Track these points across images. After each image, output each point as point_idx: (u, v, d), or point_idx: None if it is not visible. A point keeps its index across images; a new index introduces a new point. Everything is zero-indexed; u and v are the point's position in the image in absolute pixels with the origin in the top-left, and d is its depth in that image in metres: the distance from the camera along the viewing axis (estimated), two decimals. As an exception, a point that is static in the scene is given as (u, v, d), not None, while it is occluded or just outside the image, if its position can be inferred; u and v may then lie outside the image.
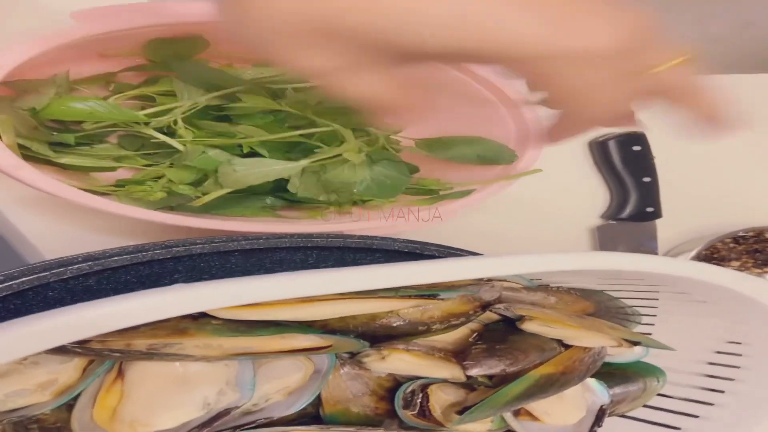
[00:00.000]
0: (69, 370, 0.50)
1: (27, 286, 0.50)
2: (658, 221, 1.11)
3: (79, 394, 0.51)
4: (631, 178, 1.11)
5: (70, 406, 0.51)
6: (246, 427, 0.58)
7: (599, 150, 1.12)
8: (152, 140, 0.75)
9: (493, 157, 0.92)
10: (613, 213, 1.11)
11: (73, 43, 0.62)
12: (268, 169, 0.76)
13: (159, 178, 0.75)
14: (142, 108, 0.75)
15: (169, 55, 0.73)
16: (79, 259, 0.51)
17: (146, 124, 0.74)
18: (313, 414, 0.64)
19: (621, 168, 1.11)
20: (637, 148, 1.11)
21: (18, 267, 0.50)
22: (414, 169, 0.92)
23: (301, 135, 0.80)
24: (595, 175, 1.15)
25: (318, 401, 0.64)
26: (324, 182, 0.80)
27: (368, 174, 0.83)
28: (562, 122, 0.59)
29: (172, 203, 0.75)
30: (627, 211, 1.10)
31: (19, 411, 0.49)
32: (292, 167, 0.78)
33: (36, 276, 0.50)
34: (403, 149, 0.92)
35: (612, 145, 1.11)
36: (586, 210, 1.14)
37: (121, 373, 0.52)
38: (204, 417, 0.54)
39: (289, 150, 0.82)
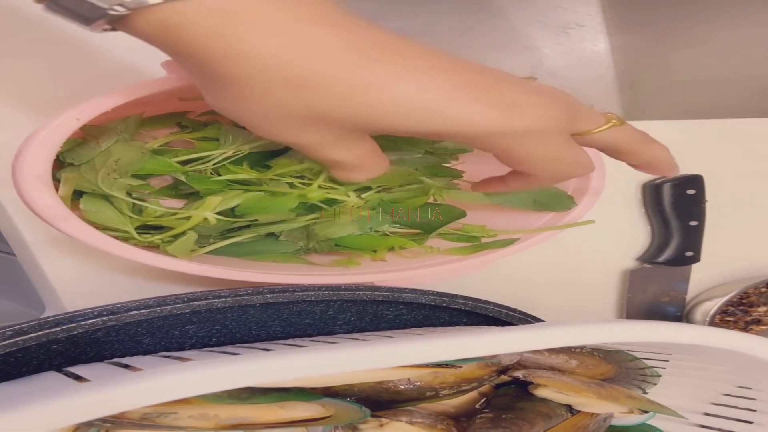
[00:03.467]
0: None
1: (33, 343, 0.49)
2: (694, 267, 1.10)
3: None
4: (677, 222, 1.10)
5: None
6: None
7: (652, 192, 1.10)
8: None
9: (551, 203, 0.89)
10: (650, 256, 1.10)
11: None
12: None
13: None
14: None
15: None
16: (94, 313, 0.51)
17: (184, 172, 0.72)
18: None
19: (670, 211, 1.09)
20: (691, 191, 1.09)
21: (29, 321, 0.49)
22: (460, 214, 0.88)
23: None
24: (640, 218, 1.14)
25: None
26: (309, 232, 0.78)
27: (355, 228, 0.81)
28: (517, 179, 0.69)
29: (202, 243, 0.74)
30: (666, 254, 1.09)
31: None
32: (284, 226, 0.77)
33: (46, 332, 0.49)
34: (455, 196, 0.88)
35: (666, 188, 1.09)
36: (623, 252, 1.13)
37: None
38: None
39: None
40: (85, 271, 0.77)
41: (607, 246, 1.11)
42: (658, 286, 1.08)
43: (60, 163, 0.64)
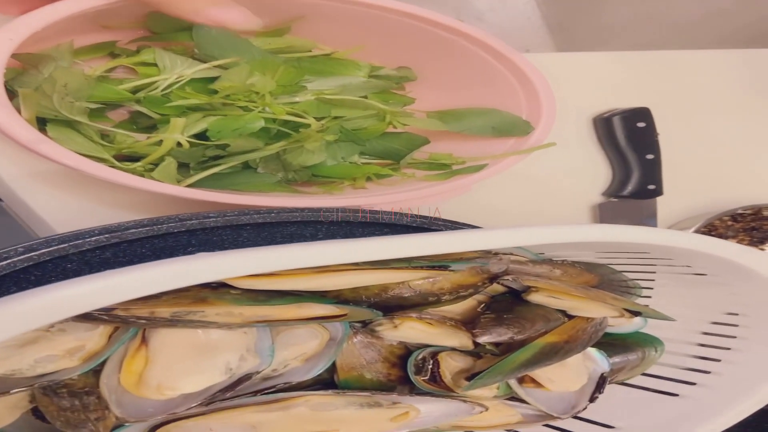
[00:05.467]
0: (95, 337, 0.49)
1: (47, 258, 0.48)
2: (658, 199, 1.06)
3: (105, 360, 0.49)
4: (634, 155, 1.06)
5: (96, 372, 0.50)
6: (266, 391, 0.57)
7: (603, 126, 1.07)
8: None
9: (509, 128, 0.87)
10: (615, 190, 1.07)
11: (78, 14, 0.61)
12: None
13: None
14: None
15: (170, 25, 0.70)
16: (96, 231, 0.50)
17: (137, 101, 0.70)
18: (328, 380, 0.63)
19: (625, 145, 1.06)
20: (641, 124, 1.06)
21: (37, 239, 0.48)
22: (423, 141, 0.88)
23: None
24: (598, 152, 1.10)
25: (333, 368, 0.63)
26: (283, 162, 0.76)
27: (327, 156, 0.80)
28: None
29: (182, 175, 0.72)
30: (629, 188, 1.06)
31: (49, 376, 0.48)
32: (257, 154, 0.75)
33: (55, 248, 0.48)
34: (413, 123, 0.87)
35: (616, 121, 1.06)
36: (588, 187, 1.09)
37: (144, 341, 0.51)
38: (227, 381, 0.53)
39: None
40: (69, 204, 0.75)
41: (573, 180, 1.08)
42: (627, 221, 1.05)
43: (11, 93, 0.62)
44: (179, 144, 0.69)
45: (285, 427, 0.58)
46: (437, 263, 0.58)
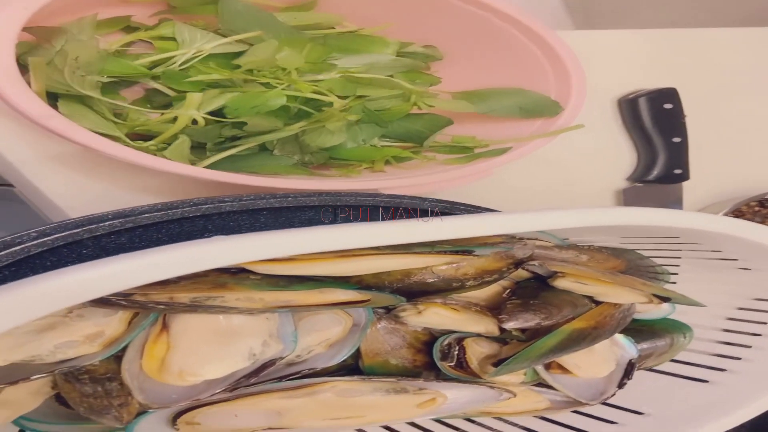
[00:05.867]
0: (114, 322, 0.48)
1: (61, 243, 0.46)
2: (684, 183, 1.02)
3: (126, 346, 0.48)
4: (660, 138, 1.01)
5: (118, 358, 0.49)
6: (291, 377, 0.55)
7: (629, 108, 1.01)
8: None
9: (537, 109, 0.82)
10: (640, 175, 1.01)
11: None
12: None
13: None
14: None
15: None
16: (110, 216, 0.48)
17: (153, 77, 0.68)
18: (353, 366, 0.62)
19: (650, 127, 1.00)
20: (668, 105, 1.00)
21: (50, 224, 0.46)
22: (446, 122, 0.83)
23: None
24: (623, 135, 1.05)
25: (357, 354, 0.61)
26: (301, 144, 0.73)
27: (348, 138, 0.76)
28: None
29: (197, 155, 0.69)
30: (654, 173, 1.00)
31: (70, 362, 0.46)
32: (275, 135, 0.71)
33: (69, 232, 0.46)
34: (438, 104, 0.84)
35: (642, 103, 1.00)
36: (613, 171, 1.04)
37: (165, 326, 0.49)
38: (251, 367, 0.51)
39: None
40: (82, 188, 0.73)
41: (598, 165, 1.03)
42: (652, 206, 0.99)
43: (23, 69, 0.60)
44: (195, 122, 0.66)
45: (311, 413, 0.56)
46: (460, 248, 0.56)
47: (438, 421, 0.67)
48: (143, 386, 0.48)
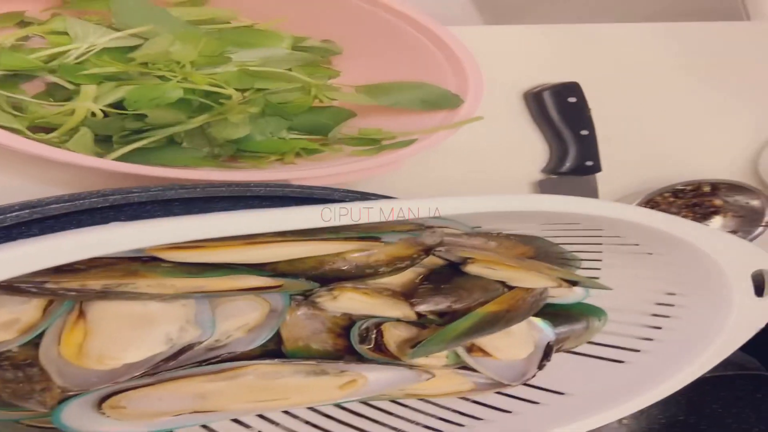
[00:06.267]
0: (30, 309, 0.48)
1: None
2: (598, 176, 1.02)
3: (43, 333, 0.49)
4: (568, 131, 1.00)
5: (37, 344, 0.49)
6: (211, 361, 0.56)
7: (535, 102, 1.00)
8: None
9: (438, 101, 0.81)
10: (553, 167, 1.01)
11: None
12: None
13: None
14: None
15: None
16: (16, 207, 0.48)
17: (50, 71, 0.66)
18: (276, 351, 0.62)
19: (558, 120, 0.99)
20: (572, 99, 1.00)
21: None
22: (349, 114, 0.82)
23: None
24: (533, 128, 1.03)
25: (279, 340, 0.62)
26: (208, 136, 0.72)
27: (252, 130, 0.75)
28: None
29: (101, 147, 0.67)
30: (567, 165, 1.00)
31: None
32: (180, 128, 0.69)
33: None
34: (341, 98, 0.83)
35: (547, 96, 0.99)
36: (526, 164, 1.03)
37: (82, 313, 0.50)
38: (168, 351, 0.52)
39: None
40: None
41: (511, 158, 1.02)
42: None
43: None
44: (94, 115, 0.65)
45: (234, 396, 0.58)
46: (367, 234, 0.57)
47: (366, 404, 0.69)
48: (62, 371, 0.49)
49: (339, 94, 0.81)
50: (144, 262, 0.50)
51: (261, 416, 0.64)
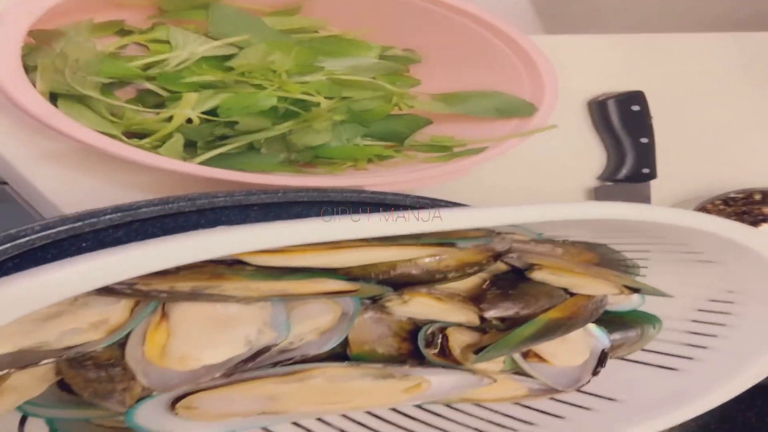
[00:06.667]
0: (118, 311, 0.48)
1: (63, 236, 0.46)
2: (651, 183, 1.00)
3: (129, 333, 0.48)
4: (628, 139, 0.99)
5: (120, 345, 0.49)
6: (283, 363, 0.56)
7: (598, 110, 1.00)
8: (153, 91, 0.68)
9: (512, 109, 0.81)
10: (609, 174, 0.99)
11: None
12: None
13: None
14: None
15: (183, 3, 0.67)
16: (109, 210, 0.47)
17: (147, 78, 0.67)
18: (342, 354, 0.62)
19: (619, 128, 0.99)
20: (636, 107, 0.99)
21: (52, 218, 0.46)
22: (426, 122, 0.82)
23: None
24: (593, 136, 1.02)
25: (346, 343, 0.61)
26: (288, 142, 0.72)
27: (332, 137, 0.75)
28: None
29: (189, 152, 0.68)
30: (623, 172, 0.98)
31: (75, 348, 0.46)
32: (264, 134, 0.70)
33: (70, 226, 0.46)
34: (418, 105, 0.82)
35: (611, 105, 0.99)
36: (583, 171, 1.02)
37: (165, 315, 0.49)
38: (247, 353, 0.52)
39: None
40: (77, 185, 0.71)
41: (568, 166, 1.01)
42: None
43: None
44: (189, 121, 0.65)
45: (303, 398, 0.57)
46: (444, 240, 0.57)
47: (421, 408, 0.68)
48: (146, 371, 0.48)
49: (417, 102, 0.80)
50: (229, 265, 0.49)
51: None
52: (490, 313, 0.62)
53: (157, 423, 0.52)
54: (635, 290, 0.70)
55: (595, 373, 0.71)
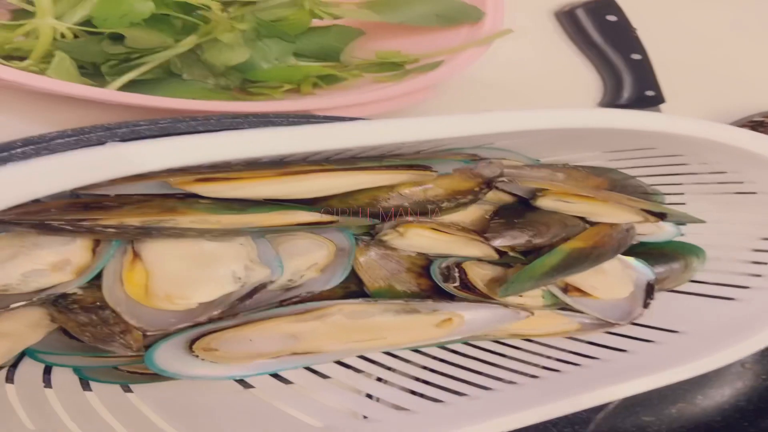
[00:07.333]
0: (77, 250, 0.33)
1: None
2: (662, 108, 0.63)
3: (101, 274, 0.33)
4: (617, 56, 0.63)
5: (100, 287, 0.33)
6: (291, 301, 0.39)
7: (569, 22, 0.65)
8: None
9: (455, 15, 0.53)
10: (610, 100, 0.63)
11: None
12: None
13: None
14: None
15: None
16: (18, 143, 0.32)
17: None
18: (359, 292, 0.44)
19: (602, 44, 0.63)
20: (611, 17, 0.64)
21: None
22: (357, 33, 0.54)
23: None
24: (577, 55, 0.64)
25: (361, 283, 0.43)
26: (206, 63, 0.48)
27: (251, 54, 0.48)
28: None
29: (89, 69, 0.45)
30: (625, 96, 0.62)
31: (48, 290, 0.33)
32: (169, 52, 0.46)
33: None
34: (343, 14, 0.53)
35: (581, 15, 0.64)
36: (579, 97, 0.64)
37: (137, 255, 0.34)
38: (241, 291, 0.35)
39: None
40: None
41: (559, 92, 0.63)
42: None
43: None
44: (64, 36, 0.44)
45: (327, 336, 0.40)
46: (414, 161, 0.38)
47: (469, 344, 0.47)
48: (133, 311, 0.33)
49: (340, 10, 0.53)
50: (180, 198, 0.34)
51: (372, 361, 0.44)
52: (497, 242, 0.42)
53: (180, 366, 0.37)
54: (659, 215, 0.47)
55: (645, 305, 0.49)
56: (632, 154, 0.47)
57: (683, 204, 0.52)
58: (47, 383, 0.35)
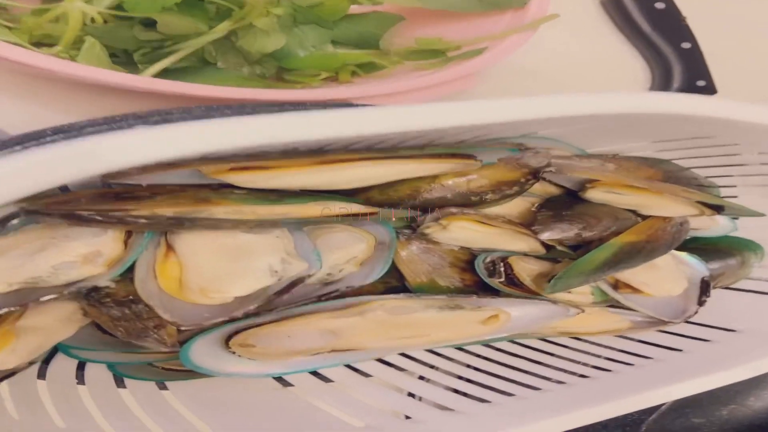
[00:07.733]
0: (109, 242, 0.31)
1: None
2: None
3: (133, 267, 0.30)
4: (667, 45, 0.57)
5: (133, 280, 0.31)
6: (332, 296, 0.36)
7: (616, 10, 0.60)
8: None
9: (499, 0, 0.49)
10: (658, 90, 0.58)
11: None
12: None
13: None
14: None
15: None
16: (48, 132, 0.29)
17: None
18: (401, 288, 0.40)
19: (650, 32, 0.57)
20: (660, 5, 0.59)
21: None
22: (396, 18, 0.49)
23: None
24: (623, 43, 0.59)
25: (402, 277, 0.39)
26: (241, 51, 0.44)
27: (287, 41, 0.44)
28: None
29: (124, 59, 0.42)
30: (674, 85, 0.56)
31: (79, 283, 0.30)
32: (204, 39, 0.42)
33: (8, 150, 0.29)
34: (385, 1, 0.50)
35: (628, 2, 0.59)
36: (626, 86, 0.58)
37: (170, 247, 0.32)
38: (278, 285, 0.32)
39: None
40: (15, 110, 0.42)
41: (606, 80, 0.58)
42: None
43: None
44: (94, 21, 0.41)
45: (368, 333, 0.37)
46: (457, 150, 0.34)
47: (515, 342, 0.44)
48: (167, 305, 0.31)
49: None
50: (214, 189, 0.31)
51: (415, 359, 0.41)
52: (545, 235, 0.39)
53: (215, 363, 0.34)
54: (716, 208, 0.43)
55: (700, 303, 0.44)
56: (683, 144, 0.43)
57: (735, 197, 0.48)
58: (80, 380, 0.33)
